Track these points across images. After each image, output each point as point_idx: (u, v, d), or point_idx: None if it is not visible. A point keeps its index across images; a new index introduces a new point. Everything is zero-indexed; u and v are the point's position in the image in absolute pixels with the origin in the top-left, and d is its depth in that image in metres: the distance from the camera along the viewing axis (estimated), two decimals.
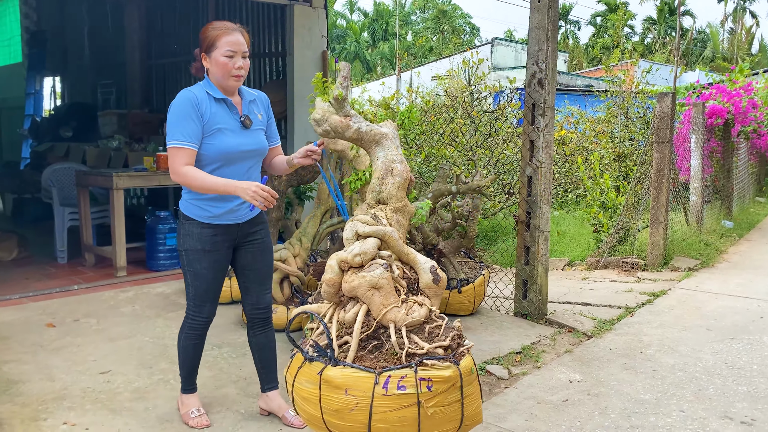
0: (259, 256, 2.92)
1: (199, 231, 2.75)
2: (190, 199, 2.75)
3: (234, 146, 2.71)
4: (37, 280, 5.36)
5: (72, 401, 3.13)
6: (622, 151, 8.96)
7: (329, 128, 2.47)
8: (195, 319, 2.88)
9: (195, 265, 2.77)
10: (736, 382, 3.56)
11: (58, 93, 11.90)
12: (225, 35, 2.65)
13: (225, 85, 2.70)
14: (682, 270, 6.37)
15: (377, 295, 2.26)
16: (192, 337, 2.91)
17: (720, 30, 41.48)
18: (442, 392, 2.12)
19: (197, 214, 2.75)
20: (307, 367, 2.24)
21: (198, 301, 2.84)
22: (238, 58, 2.67)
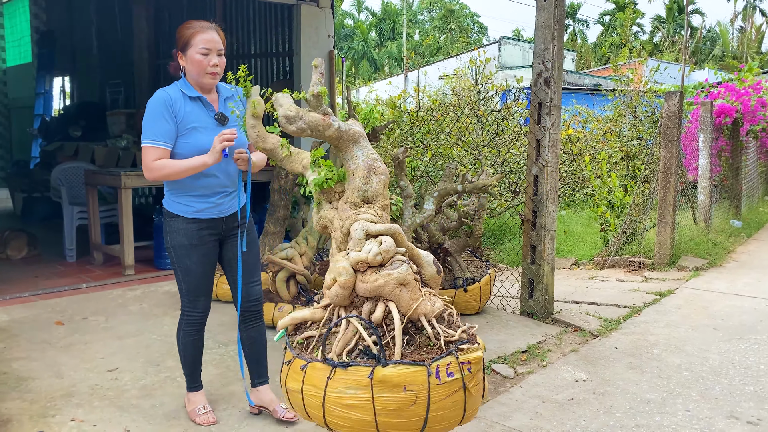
0: (250, 247, 2.96)
1: (185, 226, 2.79)
2: (173, 196, 2.80)
3: (209, 143, 2.74)
4: (47, 278, 5.41)
5: (80, 398, 3.16)
6: (630, 150, 8.94)
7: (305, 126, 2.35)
8: (191, 315, 2.92)
9: (184, 260, 2.81)
10: (743, 381, 3.55)
11: (67, 93, 11.98)
12: (199, 33, 2.70)
13: (201, 82, 2.75)
14: (689, 269, 6.34)
15: (405, 291, 2.26)
16: (190, 333, 2.94)
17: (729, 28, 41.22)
18: (476, 372, 2.23)
19: (181, 210, 2.79)
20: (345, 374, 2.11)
21: (191, 296, 2.88)
22: (213, 56, 2.72)
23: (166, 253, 2.89)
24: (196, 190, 2.79)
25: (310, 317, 2.35)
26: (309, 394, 2.15)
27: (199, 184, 2.78)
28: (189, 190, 2.79)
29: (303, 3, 6.32)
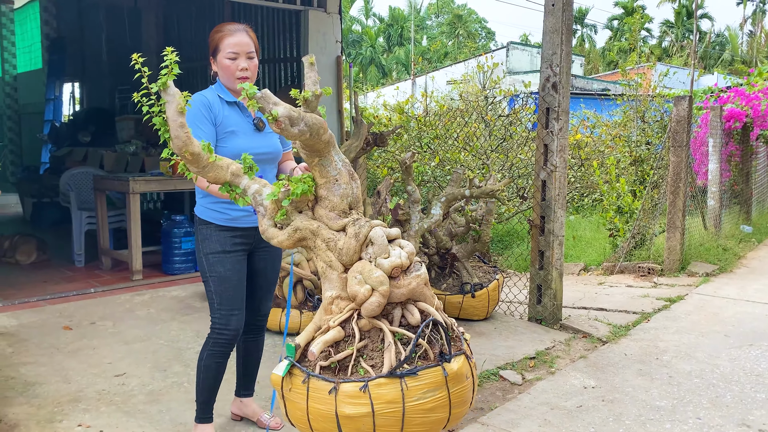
0: (271, 263, 2.88)
1: (218, 234, 2.69)
2: (208, 203, 2.70)
3: (247, 149, 2.63)
4: (55, 283, 5.43)
5: (87, 403, 3.16)
6: (639, 155, 8.90)
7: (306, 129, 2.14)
8: (222, 333, 2.69)
9: (217, 268, 2.67)
10: (755, 389, 3.51)
11: (76, 98, 12.07)
12: (227, 37, 2.64)
13: (233, 87, 2.68)
14: (699, 275, 6.29)
15: (428, 289, 2.27)
16: (217, 354, 2.72)
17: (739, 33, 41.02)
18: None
19: (215, 218, 2.69)
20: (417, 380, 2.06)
21: (225, 310, 2.68)
22: (241, 60, 2.65)
23: (198, 264, 2.75)
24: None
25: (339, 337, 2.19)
26: (383, 413, 2.02)
27: None
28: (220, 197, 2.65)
29: (311, 8, 6.33)
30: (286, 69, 7.50)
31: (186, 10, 8.63)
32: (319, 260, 2.28)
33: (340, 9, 6.54)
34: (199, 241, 2.72)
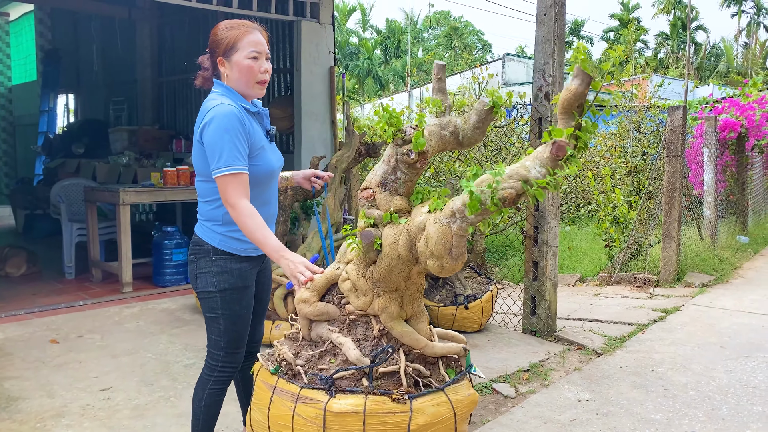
0: (267, 286, 2.66)
1: (239, 266, 2.35)
2: (230, 231, 2.33)
3: (274, 164, 2.41)
4: (44, 295, 5.37)
5: (71, 419, 3.09)
6: (635, 165, 8.88)
7: (447, 133, 2.22)
8: (224, 371, 2.42)
9: (233, 306, 2.36)
10: (751, 401, 3.45)
11: (71, 110, 12.05)
12: (247, 34, 2.30)
13: (249, 93, 2.34)
14: (695, 286, 6.24)
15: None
16: (218, 392, 2.44)
17: (734, 44, 41.26)
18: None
19: (236, 248, 2.34)
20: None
21: (231, 349, 2.40)
22: (263, 61, 2.32)
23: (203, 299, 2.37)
24: None
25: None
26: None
27: (263, 213, 2.31)
28: None
29: (303, 19, 6.32)
30: (279, 80, 7.48)
31: (180, 21, 8.61)
32: None
33: (332, 19, 6.53)
34: (214, 273, 2.32)
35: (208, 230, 2.35)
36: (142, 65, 9.14)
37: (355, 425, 2.08)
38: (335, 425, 2.08)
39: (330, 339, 2.31)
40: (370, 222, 2.22)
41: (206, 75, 2.40)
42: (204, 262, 2.35)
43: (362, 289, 2.28)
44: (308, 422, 2.11)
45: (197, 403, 2.44)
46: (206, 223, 2.36)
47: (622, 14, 43.34)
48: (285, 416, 2.17)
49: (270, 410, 2.21)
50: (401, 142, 2.21)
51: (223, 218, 2.32)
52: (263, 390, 2.28)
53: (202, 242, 2.35)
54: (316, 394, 2.14)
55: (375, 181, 2.26)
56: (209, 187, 2.32)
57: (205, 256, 2.35)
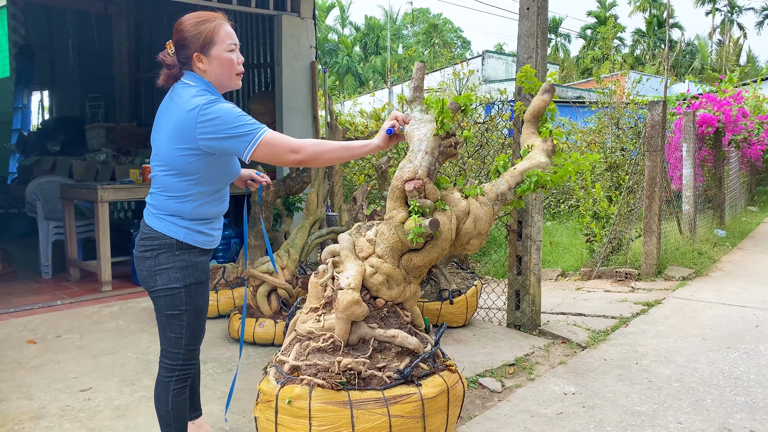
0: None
1: (202, 259, 2.35)
2: (194, 224, 2.29)
3: (236, 167, 2.43)
4: (20, 295, 5.25)
5: (50, 420, 3.02)
6: (614, 161, 8.95)
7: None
8: (185, 369, 2.36)
9: (197, 300, 2.32)
10: (734, 392, 3.49)
11: (45, 107, 11.82)
12: (222, 26, 2.25)
13: (229, 85, 2.30)
14: (676, 279, 6.31)
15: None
16: (181, 391, 2.38)
17: (708, 42, 41.85)
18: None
19: (200, 241, 2.32)
20: None
21: (191, 346, 2.36)
22: (238, 52, 2.29)
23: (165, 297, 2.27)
24: (214, 215, 2.37)
25: None
26: None
27: (218, 209, 2.37)
28: (209, 217, 2.34)
29: (284, 13, 6.25)
30: (260, 74, 7.40)
31: (157, 16, 8.48)
32: None
33: (314, 14, 6.47)
34: (177, 268, 2.26)
35: (171, 224, 2.27)
36: (119, 61, 9.00)
37: (444, 403, 2.21)
38: (431, 409, 2.17)
39: (374, 336, 2.25)
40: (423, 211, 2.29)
41: (172, 72, 2.27)
42: (165, 258, 2.26)
43: (397, 279, 2.33)
44: (408, 419, 2.09)
45: (163, 408, 2.36)
46: (168, 217, 2.27)
47: (600, 12, 43.73)
48: (380, 425, 2.05)
49: (356, 427, 2.04)
50: (445, 135, 2.36)
51: (191, 212, 2.27)
52: (337, 411, 2.06)
53: (163, 236, 2.26)
54: (402, 389, 2.13)
55: (424, 173, 2.32)
56: (176, 182, 2.24)
57: (167, 251, 2.26)
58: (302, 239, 4.43)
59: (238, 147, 2.13)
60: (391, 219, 2.31)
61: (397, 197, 2.32)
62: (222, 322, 4.55)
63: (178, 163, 2.21)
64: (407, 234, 2.25)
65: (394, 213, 2.32)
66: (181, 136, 2.18)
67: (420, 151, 2.32)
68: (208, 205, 2.31)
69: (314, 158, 2.17)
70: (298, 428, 2.08)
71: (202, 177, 2.24)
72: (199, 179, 2.24)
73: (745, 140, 9.43)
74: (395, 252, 2.32)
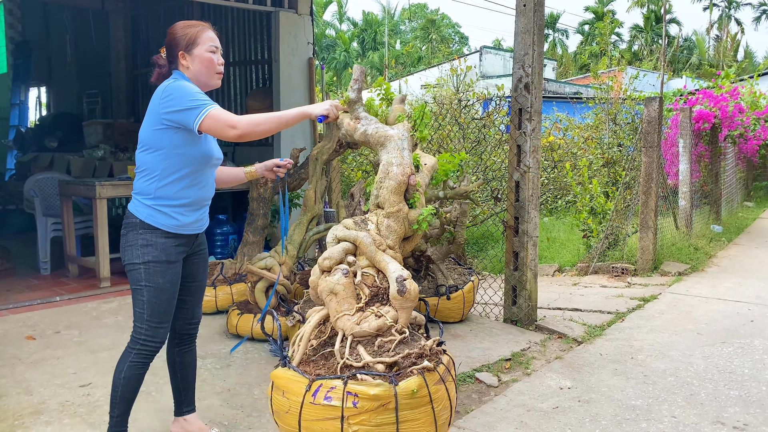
0: (203, 266, 2.77)
1: (164, 241, 2.49)
2: (159, 205, 2.48)
3: (213, 151, 2.58)
4: (19, 292, 5.26)
5: (49, 415, 3.04)
6: (611, 157, 8.97)
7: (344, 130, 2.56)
8: (147, 345, 2.53)
9: (157, 279, 2.48)
10: (728, 386, 3.52)
11: (43, 103, 11.80)
12: (205, 31, 2.55)
13: (207, 83, 2.56)
14: (672, 275, 6.34)
15: (334, 301, 2.25)
16: (139, 365, 2.54)
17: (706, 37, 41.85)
18: (368, 411, 2.03)
19: (163, 223, 2.48)
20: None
21: (155, 322, 2.52)
22: (219, 55, 2.57)
23: (129, 272, 2.51)
24: (187, 200, 2.52)
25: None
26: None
27: (191, 194, 2.53)
28: (177, 200, 2.49)
29: (282, 10, 6.26)
30: (257, 71, 7.41)
31: (154, 12, 8.47)
32: None
33: (311, 10, 6.47)
34: (139, 246, 2.47)
35: (139, 203, 2.51)
36: (116, 57, 8.98)
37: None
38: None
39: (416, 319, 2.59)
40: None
41: (162, 71, 2.58)
42: (132, 236, 2.49)
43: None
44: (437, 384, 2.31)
45: (117, 374, 2.56)
46: (137, 196, 2.52)
47: (597, 7, 43.69)
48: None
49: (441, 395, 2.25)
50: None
51: (155, 192, 2.48)
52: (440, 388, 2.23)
53: (132, 216, 2.51)
54: None
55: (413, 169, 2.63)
56: (148, 158, 2.48)
57: (133, 229, 2.49)
58: (300, 235, 4.44)
59: (189, 118, 2.38)
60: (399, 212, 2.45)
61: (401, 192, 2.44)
62: (221, 318, 4.57)
63: (149, 138, 2.47)
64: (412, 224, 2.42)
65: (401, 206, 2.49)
66: (152, 114, 2.46)
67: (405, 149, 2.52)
68: (175, 185, 2.49)
69: (250, 131, 2.42)
70: (426, 415, 2.14)
71: (169, 152, 2.46)
72: (167, 154, 2.46)
73: (742, 136, 9.46)
74: (399, 242, 2.50)
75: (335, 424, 2.03)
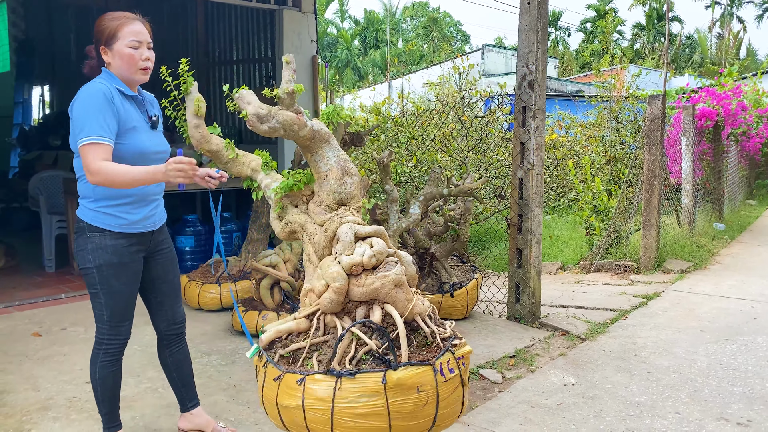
0: (170, 266, 2.70)
1: (114, 242, 2.43)
2: (101, 207, 2.42)
3: (149, 146, 2.49)
4: (24, 289, 5.28)
5: (57, 411, 3.06)
6: (613, 155, 8.98)
7: (278, 125, 2.20)
8: (111, 343, 2.54)
9: (110, 281, 2.45)
10: (732, 383, 3.53)
11: (46, 101, 11.82)
12: (127, 25, 2.42)
13: (131, 79, 2.46)
14: (674, 272, 6.35)
15: (401, 292, 2.21)
16: (110, 364, 2.56)
17: (708, 35, 41.79)
18: (468, 365, 2.25)
19: (110, 224, 2.43)
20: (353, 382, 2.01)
21: (114, 322, 2.51)
22: (143, 49, 2.44)
23: (84, 276, 2.48)
24: (130, 198, 2.45)
25: (295, 328, 2.24)
26: (312, 409, 2.03)
27: (135, 191, 2.44)
28: (120, 198, 2.43)
29: (285, 8, 6.27)
30: (260, 69, 7.42)
31: (158, 10, 8.48)
32: (304, 253, 2.34)
33: (314, 8, 6.49)
34: (89, 250, 2.42)
35: (83, 208, 2.47)
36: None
37: None
38: None
39: None
40: None
41: (92, 63, 2.53)
42: (81, 240, 2.46)
43: None
44: None
45: (92, 376, 2.58)
46: (81, 201, 2.47)
47: (599, 5, 43.65)
48: None
49: None
50: None
51: (94, 194, 2.42)
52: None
53: (80, 220, 2.47)
54: None
55: None
56: (80, 161, 2.38)
57: (81, 233, 2.46)
58: None
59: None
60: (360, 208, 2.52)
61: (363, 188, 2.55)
62: (225, 315, 4.59)
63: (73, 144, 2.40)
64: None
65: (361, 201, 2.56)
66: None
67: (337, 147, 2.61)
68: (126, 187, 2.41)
69: (107, 183, 2.30)
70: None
71: None
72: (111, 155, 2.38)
73: (744, 134, 9.47)
74: None
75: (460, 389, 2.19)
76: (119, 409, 2.67)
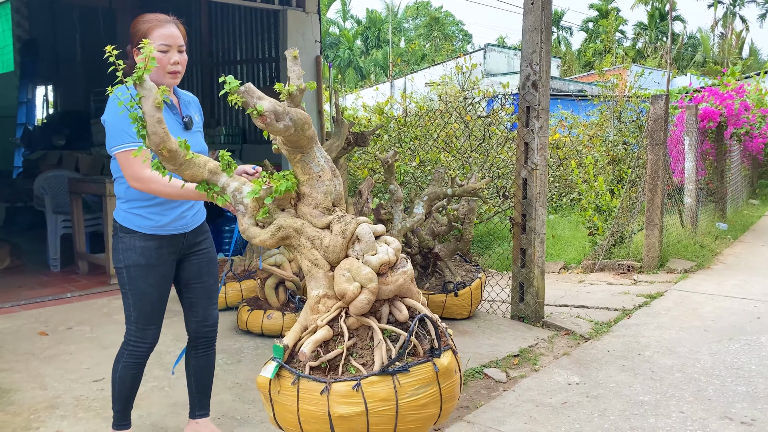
0: (206, 268, 2.68)
1: (143, 244, 2.46)
2: (132, 208, 2.46)
3: None
4: (30, 288, 5.31)
5: (64, 410, 3.09)
6: (616, 154, 8.99)
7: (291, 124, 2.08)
8: (137, 346, 2.55)
9: (138, 283, 2.47)
10: (735, 382, 3.55)
11: (50, 101, 11.86)
12: (157, 28, 2.44)
13: (161, 83, 2.42)
14: (678, 272, 6.36)
15: (413, 285, 2.25)
16: (132, 366, 2.57)
17: (710, 35, 41.76)
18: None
19: (140, 225, 2.46)
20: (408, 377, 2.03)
21: (141, 324, 2.53)
22: (173, 53, 2.45)
23: (117, 275, 2.53)
24: (158, 199, 2.45)
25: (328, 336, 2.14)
26: (377, 411, 1.99)
27: None
28: (150, 200, 2.44)
29: (289, 8, 6.29)
30: (264, 69, 7.45)
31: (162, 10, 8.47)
32: (304, 259, 2.20)
33: (318, 8, 6.51)
34: (120, 250, 2.48)
35: (117, 208, 2.52)
36: (123, 56, 9.02)
37: None
38: None
39: None
40: None
41: (131, 64, 2.43)
42: (115, 240, 2.51)
43: None
44: None
45: (113, 374, 2.61)
46: (117, 201, 2.53)
47: (601, 4, 43.62)
48: None
49: None
50: None
51: (125, 195, 2.46)
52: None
53: (114, 221, 2.52)
54: None
55: None
56: (116, 162, 2.43)
57: (115, 234, 2.51)
58: None
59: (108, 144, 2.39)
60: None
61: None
62: (230, 314, 4.61)
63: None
64: None
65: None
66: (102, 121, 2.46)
67: None
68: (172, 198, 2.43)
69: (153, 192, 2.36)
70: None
71: None
72: None
73: (747, 133, 9.46)
74: None
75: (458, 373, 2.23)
76: (132, 409, 2.67)
